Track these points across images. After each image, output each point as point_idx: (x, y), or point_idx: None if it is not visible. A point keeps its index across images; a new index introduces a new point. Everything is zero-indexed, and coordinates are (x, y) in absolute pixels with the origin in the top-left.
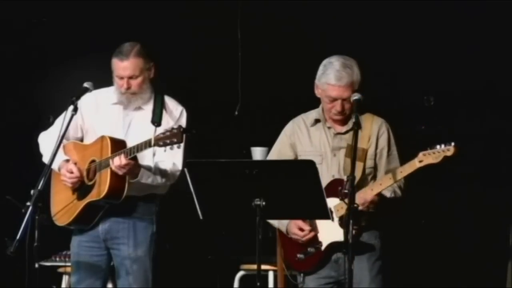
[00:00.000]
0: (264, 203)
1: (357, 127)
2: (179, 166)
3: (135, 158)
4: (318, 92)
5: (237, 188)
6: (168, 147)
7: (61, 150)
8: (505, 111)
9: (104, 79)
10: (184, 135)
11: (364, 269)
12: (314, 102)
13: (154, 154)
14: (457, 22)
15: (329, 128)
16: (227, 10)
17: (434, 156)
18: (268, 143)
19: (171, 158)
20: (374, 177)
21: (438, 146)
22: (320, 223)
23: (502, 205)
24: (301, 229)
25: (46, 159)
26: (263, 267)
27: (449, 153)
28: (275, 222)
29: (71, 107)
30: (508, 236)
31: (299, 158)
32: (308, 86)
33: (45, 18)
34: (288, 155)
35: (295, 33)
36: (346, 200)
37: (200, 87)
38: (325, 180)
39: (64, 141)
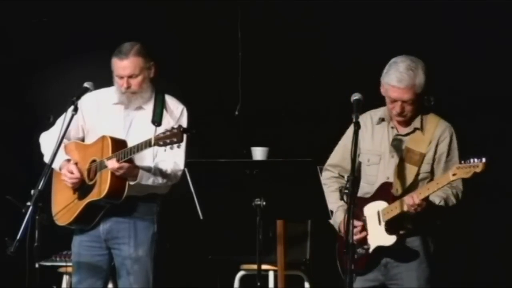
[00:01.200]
0: (264, 203)
1: (357, 127)
2: (181, 165)
3: (131, 161)
4: (382, 91)
5: (237, 188)
6: (168, 147)
7: (62, 150)
8: (506, 111)
9: (104, 79)
10: (184, 135)
11: (413, 279)
12: (314, 102)
13: (156, 155)
14: (457, 21)
15: (392, 128)
16: (227, 10)
17: (465, 171)
18: (268, 143)
19: (172, 158)
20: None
21: (471, 160)
22: (370, 226)
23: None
24: (354, 226)
25: (47, 159)
26: (263, 267)
27: (478, 170)
28: (331, 220)
29: (71, 107)
30: None
31: (361, 155)
32: (308, 86)
33: (45, 18)
34: None
35: (295, 33)
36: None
37: (200, 87)
38: (380, 181)
39: (66, 141)
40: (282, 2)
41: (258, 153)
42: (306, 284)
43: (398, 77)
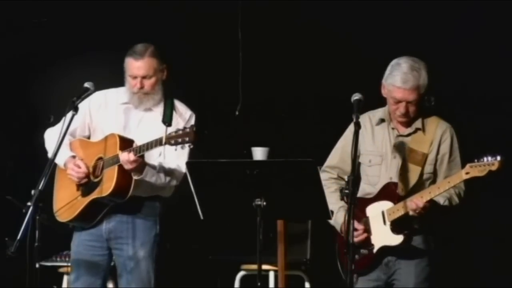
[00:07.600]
0: (264, 203)
1: (357, 127)
2: (183, 168)
3: (142, 156)
4: (384, 92)
5: (238, 188)
6: (179, 147)
7: (67, 147)
8: (506, 110)
9: (105, 79)
10: (196, 135)
11: (411, 274)
12: (314, 102)
13: (160, 154)
14: (457, 21)
15: (393, 129)
16: (227, 10)
17: (480, 169)
18: (269, 143)
19: (175, 160)
20: (433, 183)
21: (484, 159)
22: (374, 226)
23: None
24: (355, 229)
25: (51, 155)
26: (264, 267)
27: (493, 168)
28: (331, 220)
29: (72, 108)
30: None
31: (361, 156)
32: (309, 86)
33: (45, 18)
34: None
35: (295, 33)
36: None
37: (201, 87)
38: (382, 182)
39: (71, 138)
40: (283, 2)
41: (258, 153)
42: (307, 284)
43: (403, 78)
